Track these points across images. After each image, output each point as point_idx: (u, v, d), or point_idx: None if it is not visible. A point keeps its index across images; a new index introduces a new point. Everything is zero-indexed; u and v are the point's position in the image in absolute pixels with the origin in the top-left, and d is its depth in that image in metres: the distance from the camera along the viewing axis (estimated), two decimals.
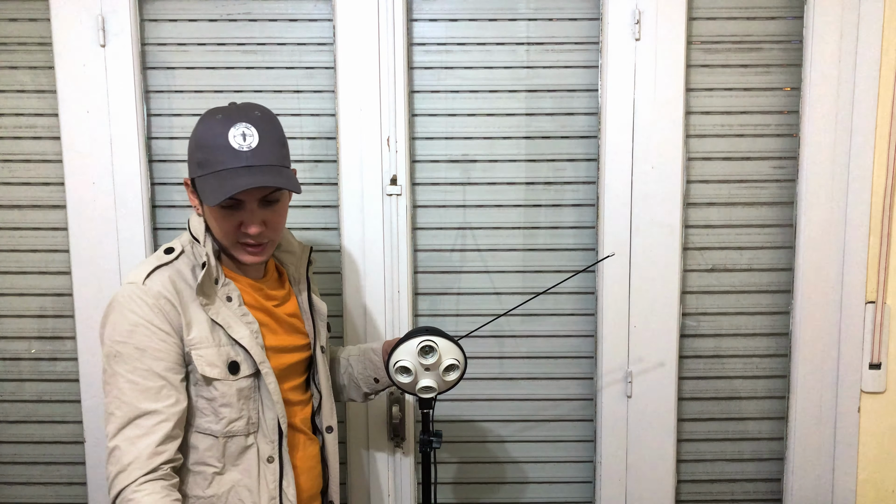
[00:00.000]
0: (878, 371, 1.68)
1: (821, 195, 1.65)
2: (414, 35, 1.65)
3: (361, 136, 1.62)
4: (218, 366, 1.13)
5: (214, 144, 1.11)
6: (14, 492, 1.74)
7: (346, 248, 1.65)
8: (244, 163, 1.10)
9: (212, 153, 1.11)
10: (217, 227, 1.16)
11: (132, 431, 1.07)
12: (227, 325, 1.15)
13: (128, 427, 1.07)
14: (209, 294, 1.16)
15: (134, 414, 1.07)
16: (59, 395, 1.71)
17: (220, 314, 1.15)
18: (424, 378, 1.26)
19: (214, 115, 1.14)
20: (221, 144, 1.10)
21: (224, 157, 1.10)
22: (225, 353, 1.15)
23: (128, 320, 1.10)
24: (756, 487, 1.77)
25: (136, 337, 1.09)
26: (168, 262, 1.16)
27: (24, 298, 1.69)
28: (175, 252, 1.18)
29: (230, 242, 1.17)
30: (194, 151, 1.15)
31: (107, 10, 1.58)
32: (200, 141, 1.13)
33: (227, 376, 1.14)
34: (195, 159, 1.14)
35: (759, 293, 1.71)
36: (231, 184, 1.08)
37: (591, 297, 1.71)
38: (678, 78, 1.61)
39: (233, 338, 1.15)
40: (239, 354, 1.16)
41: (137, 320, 1.10)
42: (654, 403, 1.69)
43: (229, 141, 1.10)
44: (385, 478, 1.72)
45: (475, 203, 1.69)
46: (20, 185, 1.66)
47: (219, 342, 1.15)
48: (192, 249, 1.19)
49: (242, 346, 1.15)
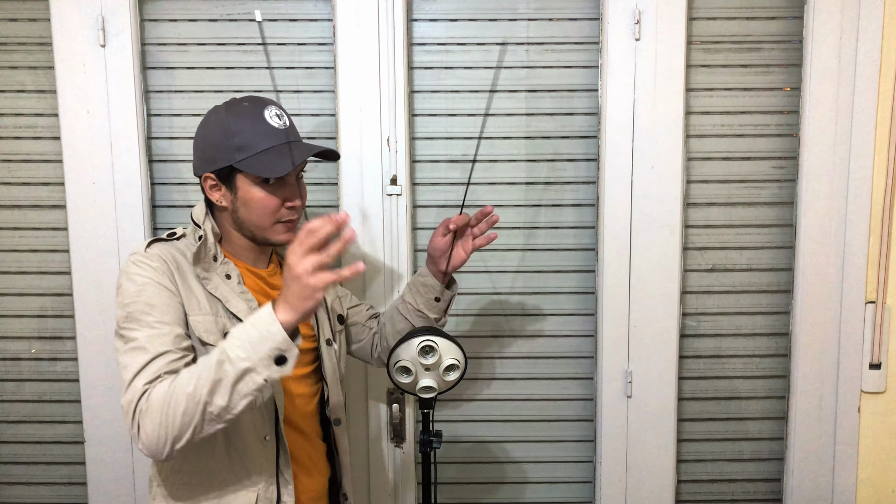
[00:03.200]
0: (878, 371, 1.68)
1: (821, 195, 1.65)
2: (414, 35, 1.65)
3: (361, 136, 1.62)
4: (214, 333, 1.15)
5: (255, 126, 1.17)
6: (14, 492, 1.74)
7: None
8: (286, 139, 1.18)
9: (254, 135, 1.16)
10: (263, 206, 1.18)
11: (147, 372, 1.05)
12: (224, 300, 1.17)
13: (144, 370, 1.05)
14: (207, 268, 1.18)
15: (149, 357, 1.06)
16: (59, 395, 1.71)
17: (218, 289, 1.18)
18: (424, 378, 1.26)
19: (239, 104, 1.20)
20: (262, 126, 1.17)
21: (268, 136, 1.17)
22: (221, 323, 1.16)
23: (135, 282, 1.12)
24: (756, 487, 1.77)
25: (145, 295, 1.11)
26: (168, 240, 1.20)
27: (24, 298, 1.69)
28: (176, 235, 1.22)
29: (270, 222, 1.20)
30: (226, 139, 1.17)
31: (107, 10, 1.58)
32: (235, 128, 1.17)
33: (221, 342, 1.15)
34: (231, 145, 1.16)
35: (759, 293, 1.71)
36: (295, 154, 1.16)
37: (591, 297, 1.71)
38: (678, 78, 1.61)
39: (230, 311, 1.17)
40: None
41: (144, 280, 1.12)
42: (654, 403, 1.69)
43: (268, 121, 1.17)
44: (385, 478, 1.72)
45: (475, 203, 1.69)
46: (20, 185, 1.66)
47: (216, 313, 1.16)
48: (192, 233, 1.23)
49: (239, 318, 1.16)
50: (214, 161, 1.19)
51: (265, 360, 0.99)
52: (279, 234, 1.22)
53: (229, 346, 1.00)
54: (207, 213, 1.23)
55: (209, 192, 1.21)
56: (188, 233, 1.24)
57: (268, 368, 0.99)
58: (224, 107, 1.21)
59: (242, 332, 1.01)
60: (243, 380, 0.99)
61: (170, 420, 1.01)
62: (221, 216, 1.24)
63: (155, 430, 1.01)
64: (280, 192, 1.19)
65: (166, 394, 1.01)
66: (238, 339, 1.00)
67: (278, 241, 1.23)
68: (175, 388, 1.01)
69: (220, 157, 1.18)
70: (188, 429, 1.01)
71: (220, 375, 0.99)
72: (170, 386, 1.02)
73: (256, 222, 1.20)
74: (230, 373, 0.99)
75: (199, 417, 1.01)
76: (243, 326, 1.01)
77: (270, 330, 0.98)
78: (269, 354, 0.99)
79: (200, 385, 1.00)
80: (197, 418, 1.01)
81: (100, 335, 1.64)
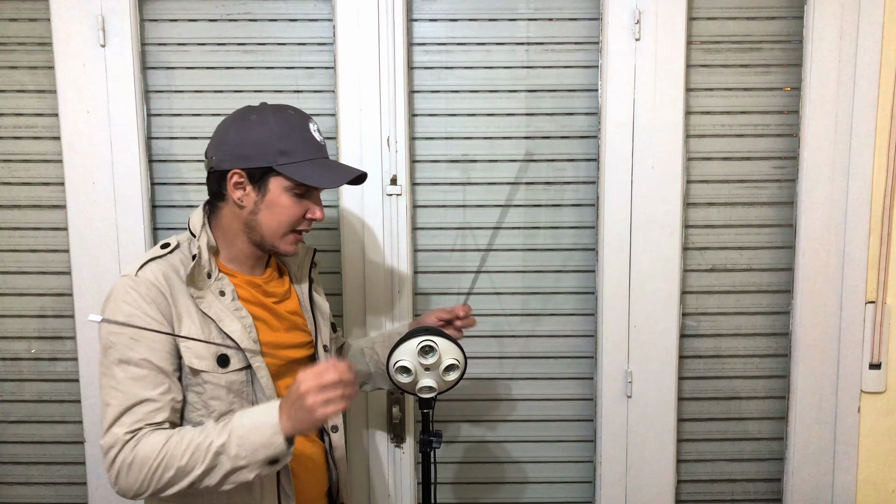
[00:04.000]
0: (878, 371, 1.68)
1: (821, 195, 1.65)
2: (414, 35, 1.65)
3: (361, 136, 1.62)
4: (206, 358, 1.14)
5: (301, 136, 1.20)
6: (14, 492, 1.74)
7: (346, 248, 1.65)
8: (324, 154, 1.24)
9: (299, 143, 1.19)
10: (287, 214, 1.20)
11: (128, 419, 1.08)
12: (218, 319, 1.16)
13: (125, 415, 1.08)
14: (200, 286, 1.17)
15: (130, 402, 1.08)
16: (59, 395, 1.71)
17: (211, 307, 1.16)
18: (424, 378, 1.26)
19: (285, 110, 1.22)
20: (308, 136, 1.21)
21: (312, 148, 1.21)
22: (214, 346, 1.15)
23: (122, 311, 1.11)
24: (756, 487, 1.77)
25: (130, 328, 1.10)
26: (162, 256, 1.18)
27: (24, 298, 1.69)
28: (170, 247, 1.20)
29: (286, 231, 1.21)
30: (272, 141, 1.17)
31: (107, 10, 1.58)
32: (283, 132, 1.18)
33: (215, 369, 1.15)
34: (275, 147, 1.17)
35: (759, 293, 1.71)
36: (340, 170, 1.22)
37: (591, 297, 1.71)
38: (678, 78, 1.61)
39: (224, 331, 1.16)
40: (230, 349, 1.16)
41: (131, 311, 1.11)
42: (654, 403, 1.70)
43: (312, 134, 1.22)
44: (385, 478, 1.72)
45: (475, 203, 1.69)
46: (20, 185, 1.66)
47: (209, 335, 1.15)
48: (187, 245, 1.21)
49: (233, 339, 1.16)
50: (249, 159, 1.17)
51: (260, 462, 1.06)
52: (288, 245, 1.22)
53: (230, 442, 1.05)
54: (205, 224, 1.21)
55: (231, 189, 1.18)
56: (182, 243, 1.21)
57: (260, 468, 1.06)
58: (270, 108, 1.21)
59: (245, 432, 1.05)
60: (235, 473, 1.06)
61: (154, 480, 1.06)
62: (228, 219, 1.22)
63: (134, 484, 1.07)
64: (305, 204, 1.21)
65: (156, 456, 1.05)
66: (239, 439, 1.05)
67: (284, 252, 1.23)
68: (167, 455, 1.05)
69: (260, 156, 1.17)
70: (170, 490, 1.07)
71: (215, 463, 1.05)
72: (161, 448, 1.05)
73: (274, 228, 1.20)
74: (225, 465, 1.05)
75: (184, 485, 1.06)
76: (247, 425, 1.06)
77: (273, 441, 1.05)
78: (265, 459, 1.06)
79: (194, 463, 1.05)
80: (182, 485, 1.06)
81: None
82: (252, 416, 1.07)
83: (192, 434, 1.07)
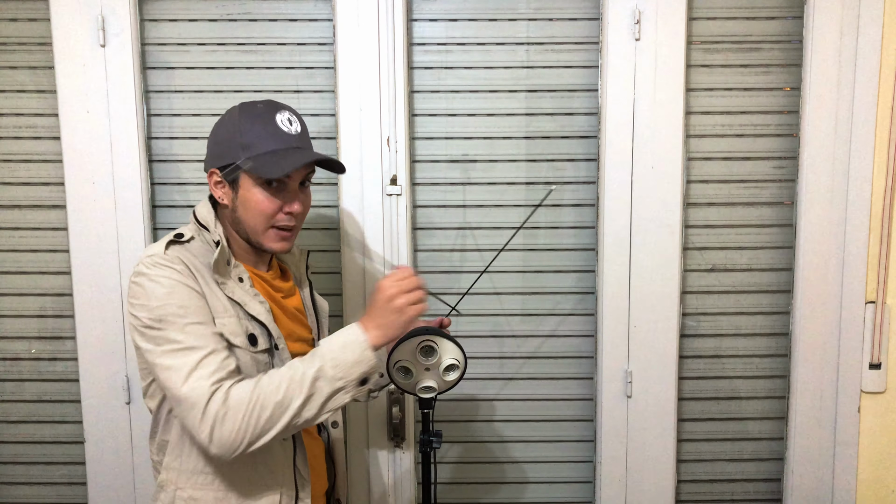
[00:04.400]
0: (878, 371, 1.68)
1: (821, 195, 1.65)
2: (414, 35, 1.65)
3: (361, 136, 1.62)
4: (240, 335, 1.15)
5: (264, 128, 1.17)
6: (14, 492, 1.74)
7: (346, 248, 1.65)
8: (294, 144, 1.19)
9: (262, 136, 1.17)
10: (259, 209, 1.18)
11: (205, 370, 1.06)
12: (243, 303, 1.17)
13: (200, 367, 1.06)
14: (223, 273, 1.18)
15: (201, 354, 1.07)
16: (59, 395, 1.71)
17: (235, 293, 1.18)
18: (424, 378, 1.26)
19: (253, 105, 1.20)
20: (271, 127, 1.17)
21: (275, 139, 1.17)
22: (244, 325, 1.16)
23: (162, 285, 1.10)
24: (756, 487, 1.77)
25: (176, 297, 1.09)
26: (180, 243, 1.18)
27: (24, 298, 1.69)
28: (186, 237, 1.19)
29: (264, 227, 1.19)
30: (234, 136, 1.17)
31: (107, 10, 1.58)
32: (245, 126, 1.17)
33: (248, 346, 1.16)
34: (238, 143, 1.16)
35: (759, 293, 1.71)
36: (295, 157, 1.16)
37: (591, 297, 1.71)
38: (678, 78, 1.61)
39: (250, 314, 1.17)
40: (256, 329, 1.18)
41: (172, 283, 1.10)
42: (654, 403, 1.69)
43: (278, 124, 1.18)
44: (385, 478, 1.72)
45: (475, 203, 1.69)
46: (20, 185, 1.66)
47: (238, 315, 1.16)
48: (198, 234, 1.21)
49: (260, 321, 1.18)
50: (221, 156, 1.19)
51: (355, 381, 1.09)
52: (272, 241, 1.20)
53: (325, 366, 1.07)
54: (217, 216, 1.22)
55: (213, 189, 1.21)
56: (194, 234, 1.21)
57: (356, 388, 1.10)
58: (239, 106, 1.21)
59: (337, 353, 1.09)
60: (334, 398, 1.09)
61: (252, 424, 1.04)
62: (223, 218, 1.24)
63: (233, 433, 1.04)
64: (280, 197, 1.18)
65: (250, 399, 1.05)
66: (333, 360, 1.08)
67: (270, 249, 1.21)
68: (260, 395, 1.05)
69: (227, 153, 1.18)
70: (268, 434, 1.06)
71: (313, 391, 1.07)
72: (253, 391, 1.05)
73: (252, 225, 1.19)
74: (324, 390, 1.07)
75: (283, 425, 1.06)
76: (337, 347, 1.09)
77: (366, 355, 1.09)
78: (359, 377, 1.09)
79: (291, 395, 1.06)
80: (281, 425, 1.06)
81: (100, 335, 1.64)
82: (338, 338, 1.10)
83: (281, 372, 1.08)
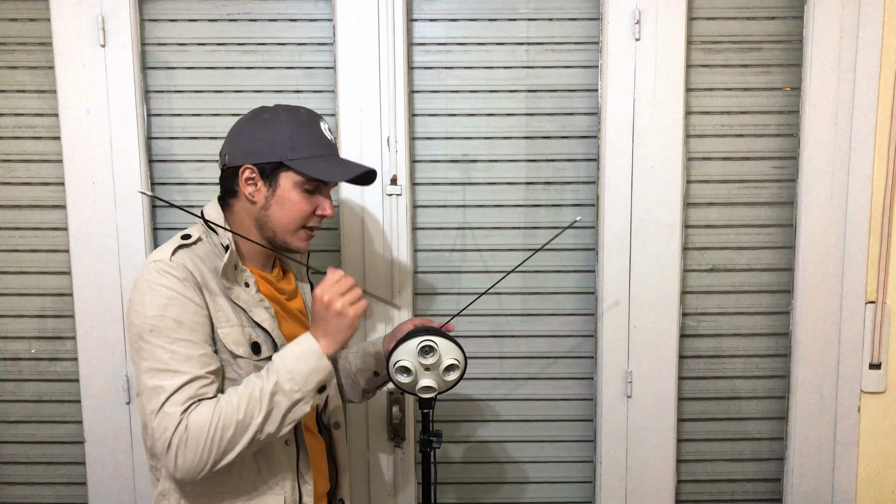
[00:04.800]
0: (878, 371, 1.68)
1: (821, 195, 1.65)
2: (414, 35, 1.65)
3: (361, 136, 1.62)
4: (243, 344, 1.16)
5: (310, 133, 1.21)
6: (14, 492, 1.74)
7: (346, 248, 1.65)
8: (334, 152, 1.25)
9: (308, 140, 1.21)
10: (297, 209, 1.20)
11: (181, 397, 1.06)
12: (248, 309, 1.18)
13: (177, 394, 1.06)
14: (230, 277, 1.18)
15: (182, 381, 1.06)
16: (59, 395, 1.71)
17: (240, 298, 1.18)
18: (424, 378, 1.26)
19: (297, 110, 1.24)
20: (317, 134, 1.22)
21: (321, 145, 1.22)
22: (248, 333, 1.17)
23: (160, 294, 1.09)
24: (756, 487, 1.77)
25: (172, 309, 1.09)
26: (188, 245, 1.18)
27: (24, 298, 1.69)
28: (193, 238, 1.19)
29: (296, 227, 1.22)
30: (281, 136, 1.18)
31: (107, 10, 1.58)
32: (292, 128, 1.20)
33: (251, 355, 1.16)
34: (285, 143, 1.18)
35: (759, 293, 1.71)
36: (348, 166, 1.23)
37: (591, 297, 1.71)
38: (678, 78, 1.61)
39: (254, 320, 1.18)
40: (259, 336, 1.18)
41: (171, 294, 1.10)
42: (654, 403, 1.69)
43: (323, 132, 1.24)
44: (385, 478, 1.72)
45: (475, 203, 1.69)
46: (20, 185, 1.66)
47: (241, 323, 1.17)
48: (207, 238, 1.21)
49: (264, 328, 1.18)
50: (260, 154, 1.18)
51: (313, 390, 1.11)
52: (300, 241, 1.23)
53: (281, 379, 1.08)
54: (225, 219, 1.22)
55: (243, 185, 1.19)
56: (202, 235, 1.21)
57: (314, 397, 1.11)
58: (283, 108, 1.23)
59: (291, 365, 1.09)
60: (293, 409, 1.10)
61: (215, 445, 1.05)
62: (240, 216, 1.22)
63: (196, 458, 1.05)
64: (315, 200, 1.22)
65: (210, 421, 1.05)
66: (289, 373, 1.09)
67: (295, 248, 1.23)
68: (221, 415, 1.05)
69: (271, 151, 1.18)
70: (231, 452, 1.07)
71: (272, 406, 1.08)
72: (213, 412, 1.05)
73: (285, 224, 1.20)
74: (283, 404, 1.08)
75: (246, 442, 1.07)
76: (291, 360, 1.10)
77: (320, 364, 1.11)
78: (316, 386, 1.11)
79: (251, 413, 1.07)
80: (244, 443, 1.07)
81: (100, 335, 1.64)
82: (291, 350, 1.11)
83: (238, 390, 1.08)
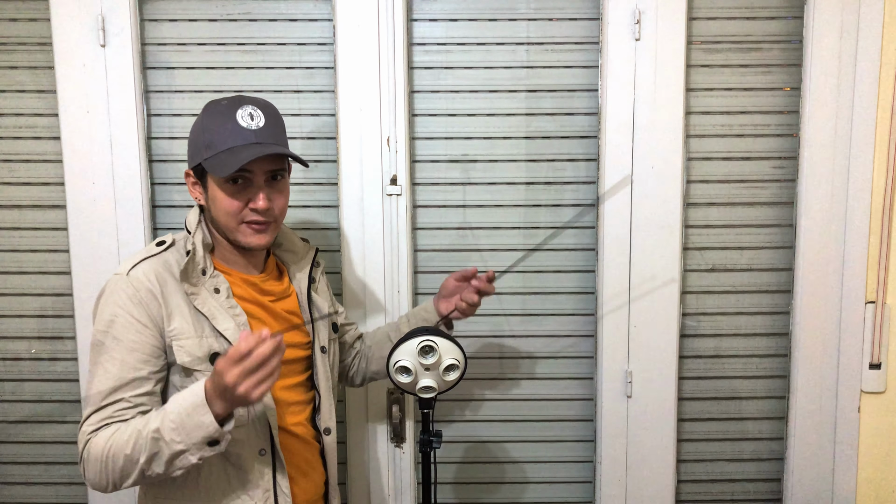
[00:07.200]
0: (878, 371, 1.68)
1: (821, 195, 1.65)
2: (414, 35, 1.65)
3: (361, 136, 1.62)
4: (199, 356, 1.14)
5: (222, 124, 1.15)
6: (14, 492, 1.74)
7: (346, 248, 1.65)
8: (253, 139, 1.15)
9: (220, 133, 1.15)
10: (224, 207, 1.17)
11: (97, 417, 1.10)
12: (211, 316, 1.16)
13: (94, 414, 1.10)
14: (195, 283, 1.17)
15: (102, 402, 1.10)
16: (59, 395, 1.71)
17: (205, 304, 1.17)
18: (424, 378, 1.26)
19: (218, 103, 1.20)
20: (231, 124, 1.15)
21: (233, 135, 1.14)
22: (207, 344, 1.15)
23: (109, 311, 1.13)
24: (756, 487, 1.77)
25: (115, 328, 1.12)
26: (156, 254, 1.19)
27: (24, 298, 1.69)
28: (165, 244, 1.21)
29: (235, 223, 1.18)
30: (199, 136, 1.17)
31: (107, 10, 1.58)
32: (207, 124, 1.17)
33: (207, 367, 1.14)
34: (202, 143, 1.17)
35: (759, 293, 1.71)
36: (245, 153, 1.13)
37: (591, 297, 1.71)
38: (678, 78, 1.61)
39: (217, 329, 1.16)
40: (222, 346, 1.16)
41: (116, 311, 1.12)
42: (654, 403, 1.69)
43: (237, 120, 1.15)
44: (385, 478, 1.72)
45: (475, 203, 1.69)
46: (20, 185, 1.66)
47: (201, 333, 1.16)
48: (183, 242, 1.22)
49: (226, 337, 1.16)
50: (191, 157, 1.21)
51: (198, 444, 1.04)
52: (247, 237, 1.19)
53: (164, 427, 1.03)
54: (200, 221, 1.22)
55: (190, 190, 1.22)
56: (178, 241, 1.22)
57: (201, 450, 1.04)
58: (210, 103, 1.21)
59: (178, 415, 1.04)
60: (178, 458, 1.05)
61: (109, 472, 1.07)
62: (207, 219, 1.23)
63: (96, 478, 1.08)
64: (245, 194, 1.17)
65: (104, 449, 1.06)
66: (173, 423, 1.03)
67: (248, 244, 1.20)
68: (113, 446, 1.06)
69: (195, 153, 1.19)
70: (128, 479, 1.07)
71: (156, 450, 1.04)
72: (107, 441, 1.06)
73: (224, 222, 1.19)
74: (165, 451, 1.04)
75: (136, 476, 1.06)
76: (179, 409, 1.04)
77: (203, 421, 1.02)
78: (202, 441, 1.03)
79: (138, 451, 1.05)
80: (134, 477, 1.07)
81: None
82: (182, 398, 1.05)
83: (137, 421, 1.07)
